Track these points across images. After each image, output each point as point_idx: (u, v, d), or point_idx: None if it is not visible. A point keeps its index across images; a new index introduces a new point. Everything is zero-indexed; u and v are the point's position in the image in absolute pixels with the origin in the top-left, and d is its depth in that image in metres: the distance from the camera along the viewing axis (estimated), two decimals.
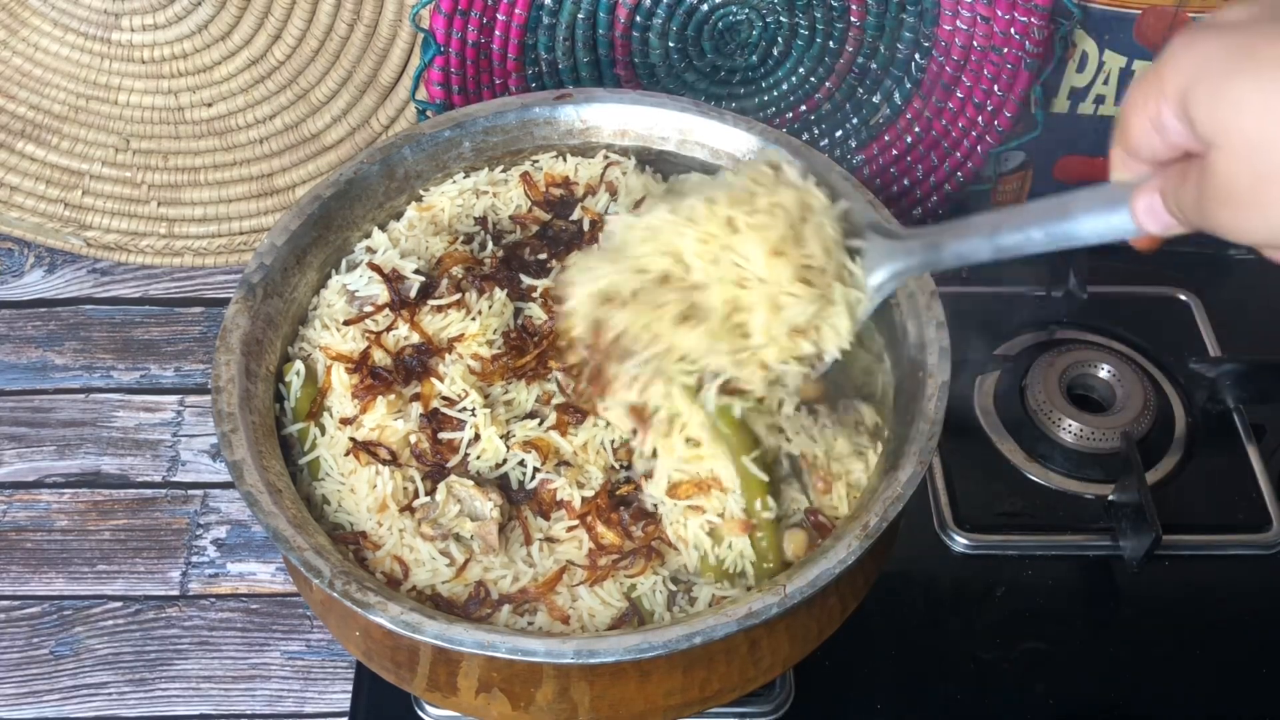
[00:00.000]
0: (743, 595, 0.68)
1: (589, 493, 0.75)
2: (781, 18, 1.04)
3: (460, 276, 0.83)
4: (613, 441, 0.77)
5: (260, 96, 1.13)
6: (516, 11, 1.00)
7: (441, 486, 0.74)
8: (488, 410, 0.77)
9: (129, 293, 1.23)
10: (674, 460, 0.74)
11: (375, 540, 0.73)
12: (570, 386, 0.77)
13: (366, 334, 0.81)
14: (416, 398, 0.78)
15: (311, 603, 0.77)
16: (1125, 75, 1.07)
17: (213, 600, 1.02)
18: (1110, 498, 1.00)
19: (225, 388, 0.74)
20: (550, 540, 0.74)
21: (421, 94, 1.05)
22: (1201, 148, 0.49)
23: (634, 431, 0.74)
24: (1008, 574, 0.97)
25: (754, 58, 1.07)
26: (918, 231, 0.70)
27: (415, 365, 0.80)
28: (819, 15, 1.04)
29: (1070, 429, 1.02)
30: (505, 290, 0.82)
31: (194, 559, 1.05)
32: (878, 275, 0.70)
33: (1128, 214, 0.55)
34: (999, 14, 1.01)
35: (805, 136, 1.12)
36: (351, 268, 0.86)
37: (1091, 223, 0.57)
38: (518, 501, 0.75)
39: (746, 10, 1.03)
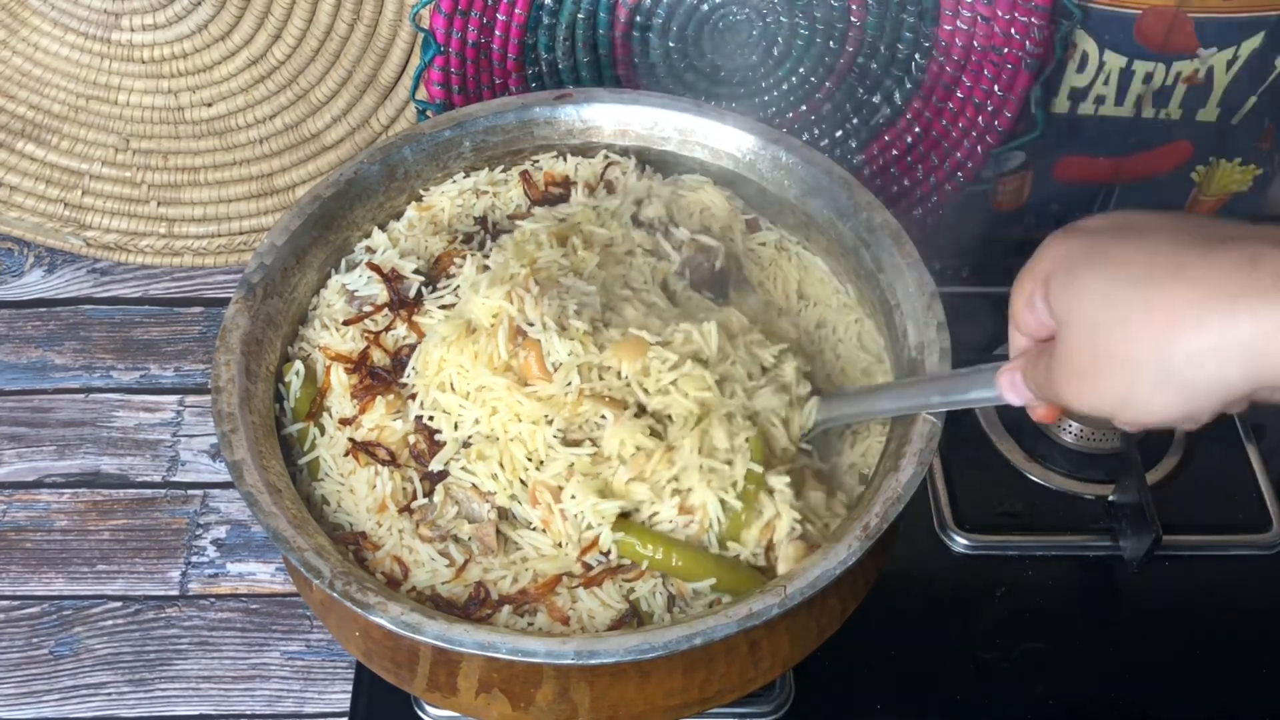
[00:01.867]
0: (742, 596, 0.68)
1: None
2: (781, 18, 1.04)
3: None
4: None
5: (260, 96, 1.13)
6: (516, 11, 1.00)
7: (439, 488, 0.74)
8: None
9: (129, 293, 1.23)
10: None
11: (375, 541, 0.73)
12: None
13: (366, 334, 0.81)
14: (415, 398, 0.78)
15: (311, 603, 0.77)
16: (1125, 75, 1.07)
17: (212, 600, 1.02)
18: (1110, 498, 1.00)
19: (225, 388, 0.74)
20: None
21: (421, 94, 1.05)
22: (1057, 327, 0.56)
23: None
24: (1008, 574, 0.97)
25: (754, 58, 1.07)
26: (844, 390, 0.79)
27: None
28: (819, 15, 1.04)
29: (1070, 429, 1.02)
30: None
31: (193, 559, 1.05)
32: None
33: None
34: (999, 14, 1.01)
35: (805, 136, 1.12)
36: (351, 268, 0.86)
37: (968, 392, 0.69)
38: None
39: (746, 10, 1.03)
